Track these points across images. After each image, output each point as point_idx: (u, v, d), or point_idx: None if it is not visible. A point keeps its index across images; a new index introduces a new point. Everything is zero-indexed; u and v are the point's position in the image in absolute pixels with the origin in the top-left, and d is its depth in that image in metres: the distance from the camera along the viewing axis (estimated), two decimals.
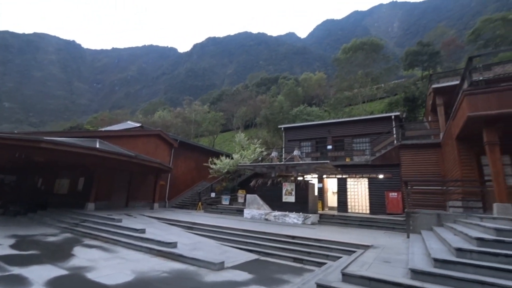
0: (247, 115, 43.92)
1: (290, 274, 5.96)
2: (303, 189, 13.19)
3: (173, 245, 7.26)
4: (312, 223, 12.06)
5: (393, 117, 18.42)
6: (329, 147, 18.89)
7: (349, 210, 15.56)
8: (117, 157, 12.13)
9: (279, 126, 23.56)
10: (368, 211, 14.96)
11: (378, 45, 37.09)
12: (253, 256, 7.46)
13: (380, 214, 13.88)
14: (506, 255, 3.84)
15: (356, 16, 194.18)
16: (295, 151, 16.18)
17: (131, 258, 6.65)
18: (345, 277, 4.29)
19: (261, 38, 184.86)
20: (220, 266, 6.00)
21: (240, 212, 14.79)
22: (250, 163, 18.06)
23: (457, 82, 9.86)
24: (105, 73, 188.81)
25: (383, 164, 15.09)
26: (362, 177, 15.82)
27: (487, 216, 6.19)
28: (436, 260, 4.17)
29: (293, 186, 13.49)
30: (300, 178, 14.38)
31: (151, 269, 5.84)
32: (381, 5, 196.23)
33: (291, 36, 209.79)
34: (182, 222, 11.04)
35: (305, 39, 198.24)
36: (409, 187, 9.60)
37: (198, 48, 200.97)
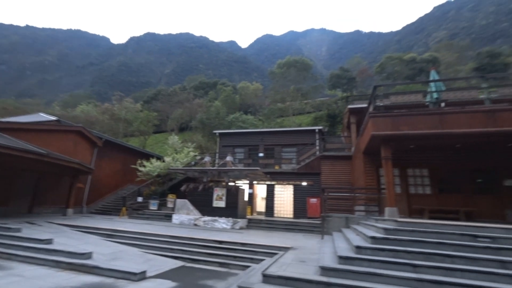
0: (183, 118, 42.42)
1: (215, 279, 5.96)
2: (234, 194, 13.37)
3: (87, 255, 6.46)
4: (241, 228, 12.29)
5: (317, 130, 20.29)
6: (261, 154, 19.63)
7: (276, 215, 16.39)
8: (21, 154, 10.21)
9: (214, 131, 23.45)
10: (292, 216, 16.02)
11: (308, 64, 40.70)
12: (179, 263, 7.20)
13: (302, 218, 15.02)
14: (390, 250, 4.65)
15: (292, 36, 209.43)
16: (228, 157, 16.32)
17: (31, 275, 5.65)
18: (265, 278, 4.53)
19: (203, 42, 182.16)
20: (141, 276, 5.61)
21: (168, 217, 14.09)
22: (183, 167, 17.44)
23: (366, 105, 11.55)
24: (13, 53, 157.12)
25: (306, 172, 16.43)
26: (289, 183, 16.91)
27: (381, 218, 7.36)
28: (340, 258, 4.76)
29: (224, 191, 13.55)
30: (231, 184, 14.54)
31: (56, 285, 5.08)
32: (313, 30, 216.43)
33: (232, 44, 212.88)
34: (101, 229, 9.91)
35: (246, 49, 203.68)
36: (325, 194, 10.70)
37: (135, 42, 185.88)
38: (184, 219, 13.17)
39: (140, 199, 17.32)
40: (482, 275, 3.86)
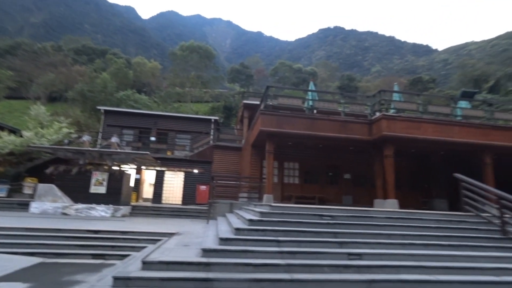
0: (55, 85, 34.21)
1: (85, 273, 5.30)
2: (117, 179, 12.04)
3: None
4: (123, 215, 11.26)
5: (213, 120, 20.65)
6: (153, 138, 18.38)
7: (164, 201, 15.82)
8: None
9: (99, 108, 20.18)
10: (181, 202, 15.85)
11: (212, 53, 40.51)
12: (36, 260, 5.97)
13: (191, 205, 15.12)
14: (263, 230, 5.42)
15: (199, 20, 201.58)
16: (113, 138, 14.46)
17: None
18: (145, 265, 4.41)
19: None
20: None
21: (23, 206, 11.30)
22: (51, 145, 14.23)
23: (259, 102, 12.67)
24: None
25: (199, 160, 16.55)
26: (180, 170, 16.58)
27: (259, 203, 8.38)
28: (221, 239, 5.18)
29: (105, 176, 12.00)
30: (115, 168, 13.02)
31: None
32: (220, 20, 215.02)
33: (130, 10, 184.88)
34: None
35: (146, 21, 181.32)
36: (214, 181, 11.19)
37: None
38: (49, 207, 10.90)
39: None
40: (322, 243, 5.10)
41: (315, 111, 11.26)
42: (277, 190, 11.70)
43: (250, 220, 5.79)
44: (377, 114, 9.13)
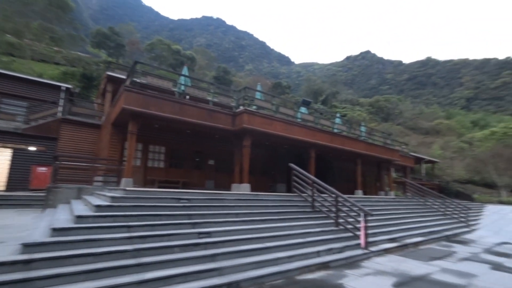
0: None
1: None
2: None
3: None
4: None
5: (64, 88, 16.51)
6: None
7: None
8: None
9: None
10: (4, 188, 11.83)
11: (68, 4, 31.65)
12: None
13: (21, 191, 11.59)
14: (112, 216, 4.88)
15: None
16: None
17: None
18: None
19: None
20: None
21: None
22: None
23: (126, 77, 11.12)
24: None
25: (38, 135, 12.85)
26: (6, 146, 12.31)
27: (116, 188, 7.47)
28: (54, 230, 4.26)
29: None
30: None
31: None
32: None
33: None
34: None
35: None
36: (57, 162, 9.02)
37: None
38: None
39: None
40: (176, 225, 5.18)
41: (187, 97, 11.13)
42: (139, 174, 10.82)
43: (98, 206, 5.08)
44: (241, 108, 10.07)
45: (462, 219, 12.41)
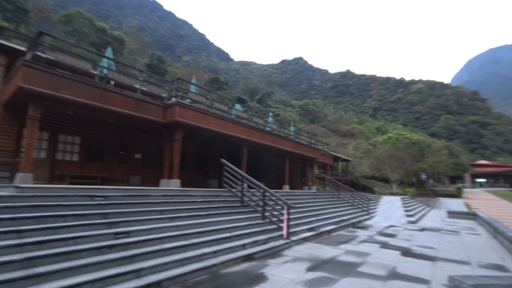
0: None
1: None
2: None
3: None
4: None
5: None
6: None
7: None
8: None
9: None
10: None
11: None
12: None
13: None
14: None
15: None
16: None
17: None
18: None
19: None
20: None
21: None
22: None
23: (26, 49, 9.08)
24: None
25: None
26: None
27: (7, 185, 6.04)
28: None
29: None
30: None
31: None
32: None
33: None
34: None
35: None
36: None
37: None
38: None
39: None
40: (86, 226, 4.50)
41: (112, 83, 9.84)
42: (44, 168, 9.05)
43: None
44: (173, 99, 9.47)
45: (365, 208, 14.65)
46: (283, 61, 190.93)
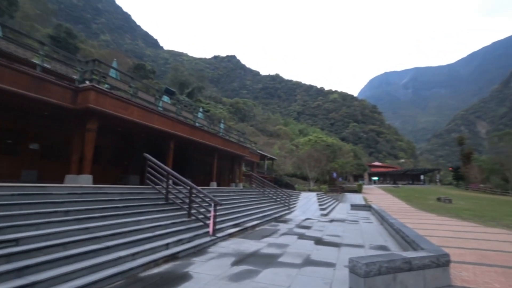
0: None
1: None
2: None
3: None
4: None
5: None
6: None
7: None
8: None
9: None
10: None
11: None
12: None
13: None
14: None
15: None
16: None
17: None
18: None
19: None
20: None
21: None
22: None
23: None
24: None
25: None
26: None
27: None
28: None
29: None
30: None
31: None
32: None
33: None
34: None
35: None
36: None
37: None
38: None
39: None
40: None
41: None
42: None
43: None
44: (87, 83, 8.20)
45: (286, 204, 15.96)
46: (216, 57, 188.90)
